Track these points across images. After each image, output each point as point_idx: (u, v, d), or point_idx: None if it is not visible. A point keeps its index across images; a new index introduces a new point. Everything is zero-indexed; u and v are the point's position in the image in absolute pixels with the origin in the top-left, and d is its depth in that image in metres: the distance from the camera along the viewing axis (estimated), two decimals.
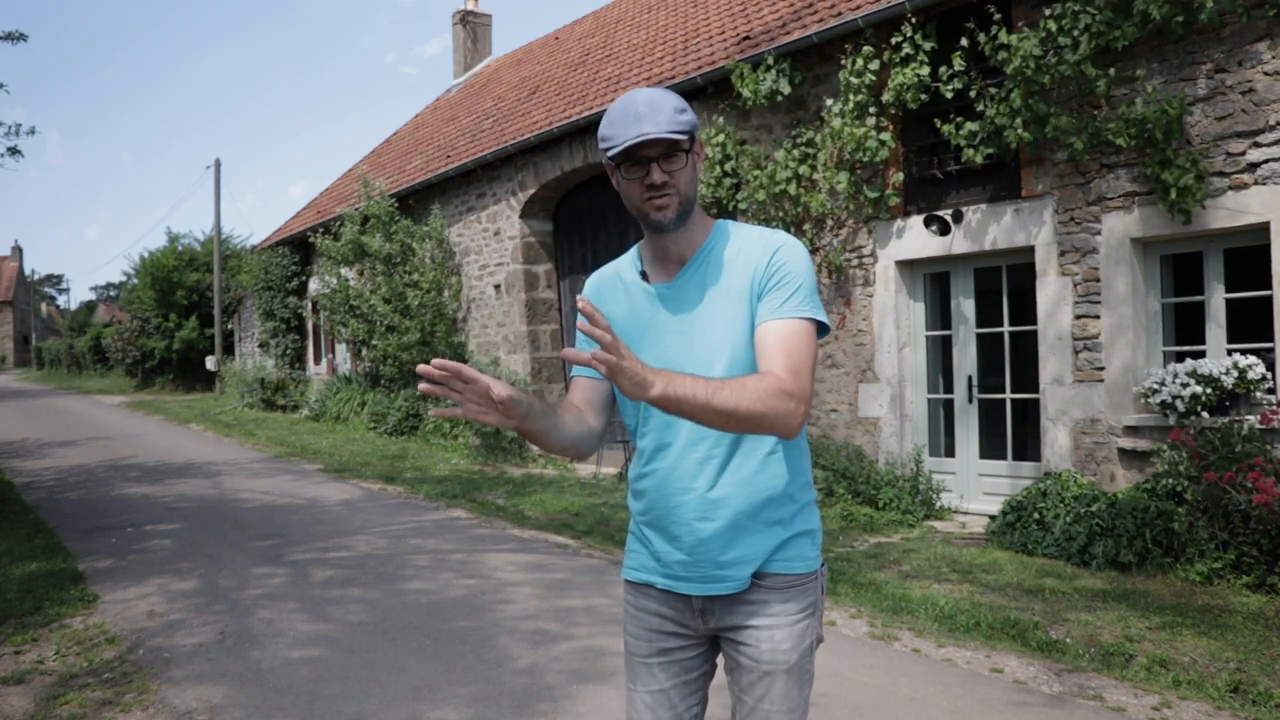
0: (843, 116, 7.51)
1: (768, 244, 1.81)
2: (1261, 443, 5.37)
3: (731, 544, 1.78)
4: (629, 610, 1.94)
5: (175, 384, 29.31)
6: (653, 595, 1.88)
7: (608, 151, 1.74)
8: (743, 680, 1.83)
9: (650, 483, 1.84)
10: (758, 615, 1.80)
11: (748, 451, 1.79)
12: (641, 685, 1.90)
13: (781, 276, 1.76)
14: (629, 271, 1.91)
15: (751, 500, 1.78)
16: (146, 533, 7.46)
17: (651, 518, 1.85)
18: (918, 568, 5.77)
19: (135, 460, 12.15)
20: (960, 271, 7.46)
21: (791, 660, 1.80)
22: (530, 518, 7.80)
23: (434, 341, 13.21)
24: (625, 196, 1.81)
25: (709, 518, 1.78)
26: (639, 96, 1.74)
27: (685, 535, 1.80)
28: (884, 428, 7.76)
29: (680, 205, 1.77)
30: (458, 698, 3.88)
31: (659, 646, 1.88)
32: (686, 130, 1.74)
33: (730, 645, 1.85)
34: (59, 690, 4.05)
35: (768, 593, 1.80)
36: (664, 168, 1.74)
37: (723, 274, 1.81)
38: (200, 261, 29.52)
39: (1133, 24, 5.93)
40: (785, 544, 1.81)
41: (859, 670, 4.11)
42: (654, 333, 1.83)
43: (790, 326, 1.73)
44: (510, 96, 15.46)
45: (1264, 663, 4.03)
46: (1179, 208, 5.85)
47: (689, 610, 1.85)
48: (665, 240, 1.83)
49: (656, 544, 1.85)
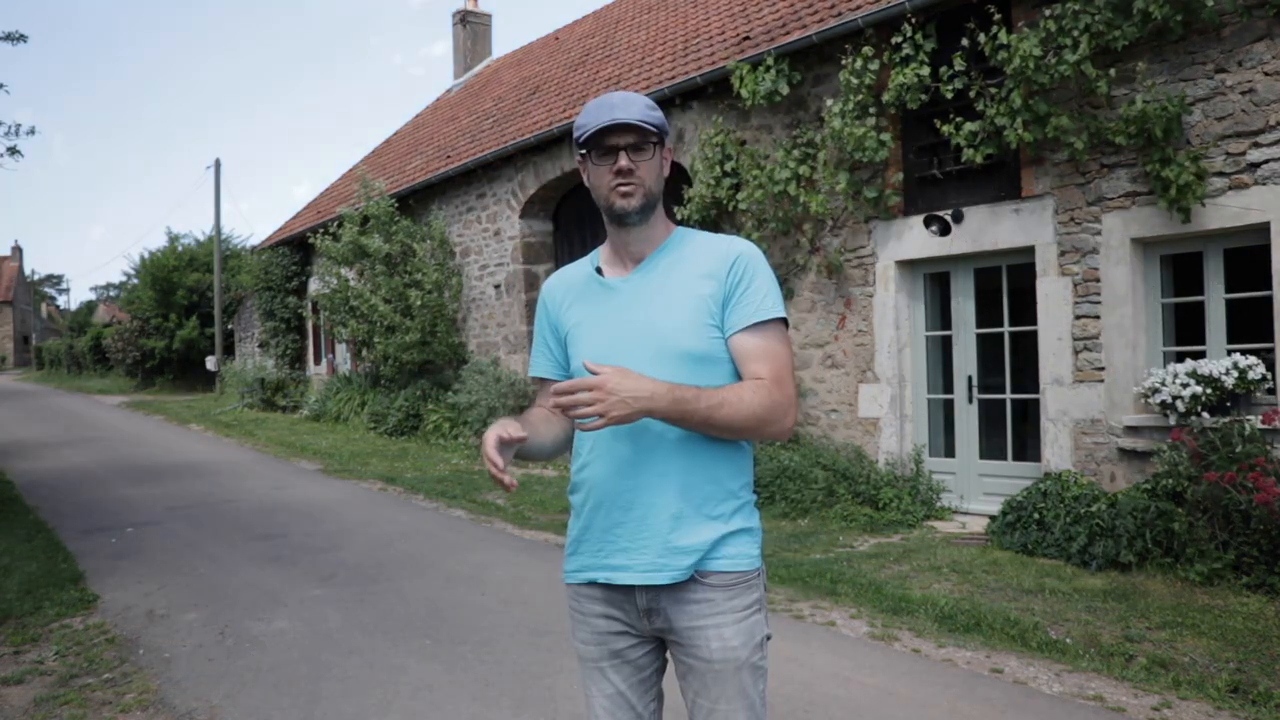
0: (843, 116, 7.51)
1: (727, 251, 1.87)
2: (1263, 443, 5.37)
3: (675, 530, 1.79)
4: (574, 616, 1.93)
5: (175, 384, 29.29)
6: (597, 597, 1.88)
7: (580, 138, 1.82)
8: (696, 684, 1.83)
9: (595, 471, 1.84)
10: (705, 615, 1.80)
11: (694, 444, 1.80)
12: (597, 690, 1.90)
13: (748, 284, 1.83)
14: (586, 269, 1.98)
15: (695, 490, 1.80)
16: (146, 533, 7.46)
17: (595, 503, 1.84)
18: (918, 568, 5.77)
19: (135, 460, 12.15)
20: (960, 271, 7.46)
21: (743, 656, 1.80)
22: (530, 518, 7.80)
23: (434, 342, 13.21)
24: (594, 189, 1.87)
25: (656, 501, 1.79)
26: (615, 93, 1.86)
27: (631, 518, 1.80)
28: (884, 428, 7.76)
29: (645, 197, 1.84)
30: (458, 698, 3.88)
31: (609, 649, 1.88)
32: (656, 125, 1.83)
33: (679, 649, 1.84)
34: (59, 690, 4.06)
35: (712, 590, 1.81)
36: (631, 157, 1.81)
37: (681, 271, 1.86)
38: (200, 261, 29.52)
39: (1133, 24, 5.93)
40: (725, 540, 1.82)
41: (859, 670, 4.11)
42: (608, 323, 1.87)
43: (766, 334, 1.82)
44: (510, 97, 15.47)
45: (1264, 663, 4.03)
46: (1179, 205, 5.85)
47: (634, 609, 1.84)
48: (627, 236, 1.89)
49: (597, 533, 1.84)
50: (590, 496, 1.85)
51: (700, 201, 8.77)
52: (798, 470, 7.63)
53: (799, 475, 7.59)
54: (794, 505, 7.45)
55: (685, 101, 9.47)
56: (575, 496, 1.91)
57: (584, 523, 1.88)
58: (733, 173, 8.66)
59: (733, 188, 8.69)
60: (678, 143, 9.61)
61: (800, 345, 8.39)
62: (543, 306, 2.03)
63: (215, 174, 27.08)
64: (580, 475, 1.89)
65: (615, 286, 1.89)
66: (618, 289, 1.89)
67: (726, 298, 1.83)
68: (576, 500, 1.91)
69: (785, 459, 7.78)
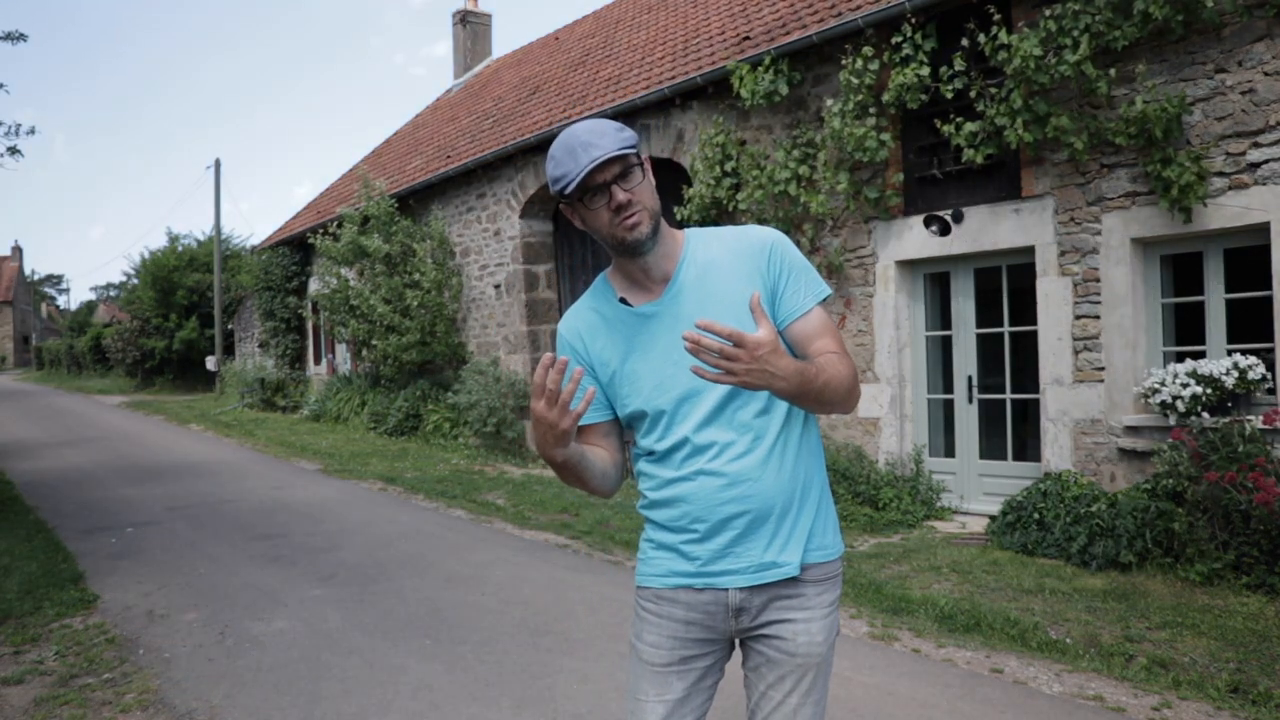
0: (843, 117, 7.51)
1: (759, 245, 1.84)
2: (1263, 443, 5.37)
3: (781, 528, 1.79)
4: (648, 619, 1.87)
5: (175, 384, 29.29)
6: (680, 601, 1.83)
7: (565, 190, 1.72)
8: (771, 676, 1.82)
9: (690, 487, 1.78)
10: (795, 608, 1.81)
11: (785, 441, 1.80)
12: (655, 695, 1.84)
13: (789, 271, 1.82)
14: (607, 305, 1.88)
15: (794, 486, 1.80)
16: (146, 533, 7.46)
17: (693, 519, 1.79)
18: (918, 568, 5.77)
19: (135, 460, 12.15)
20: (960, 271, 7.46)
21: (823, 653, 1.82)
22: (530, 518, 7.80)
23: (434, 342, 13.21)
24: (594, 230, 1.78)
25: (763, 506, 1.77)
26: (577, 130, 1.74)
27: (739, 529, 1.77)
28: (884, 428, 7.76)
29: (651, 219, 1.77)
30: (458, 698, 3.88)
31: (680, 655, 1.84)
32: (632, 146, 1.74)
33: (761, 642, 1.83)
34: (59, 690, 4.06)
35: (804, 585, 1.82)
36: (624, 187, 1.73)
37: (717, 277, 1.82)
38: (200, 261, 29.51)
39: (1133, 24, 5.93)
40: (818, 529, 1.83)
41: (859, 670, 4.11)
42: (660, 350, 1.80)
43: (822, 315, 1.83)
44: (510, 97, 15.47)
45: (1264, 663, 4.03)
46: (1180, 205, 5.85)
47: (722, 611, 1.82)
48: (645, 262, 1.81)
49: (693, 547, 1.80)
50: (691, 509, 1.79)
51: (700, 201, 8.77)
52: None
53: None
54: None
55: (685, 101, 9.47)
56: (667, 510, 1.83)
57: (682, 535, 1.81)
58: (733, 173, 8.66)
59: (733, 188, 8.68)
60: (678, 143, 9.61)
61: None
62: (569, 352, 1.89)
63: (215, 174, 27.08)
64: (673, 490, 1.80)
65: (652, 313, 1.82)
66: (655, 314, 1.81)
67: (774, 290, 1.81)
68: (668, 514, 1.83)
69: None
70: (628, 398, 1.85)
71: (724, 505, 1.77)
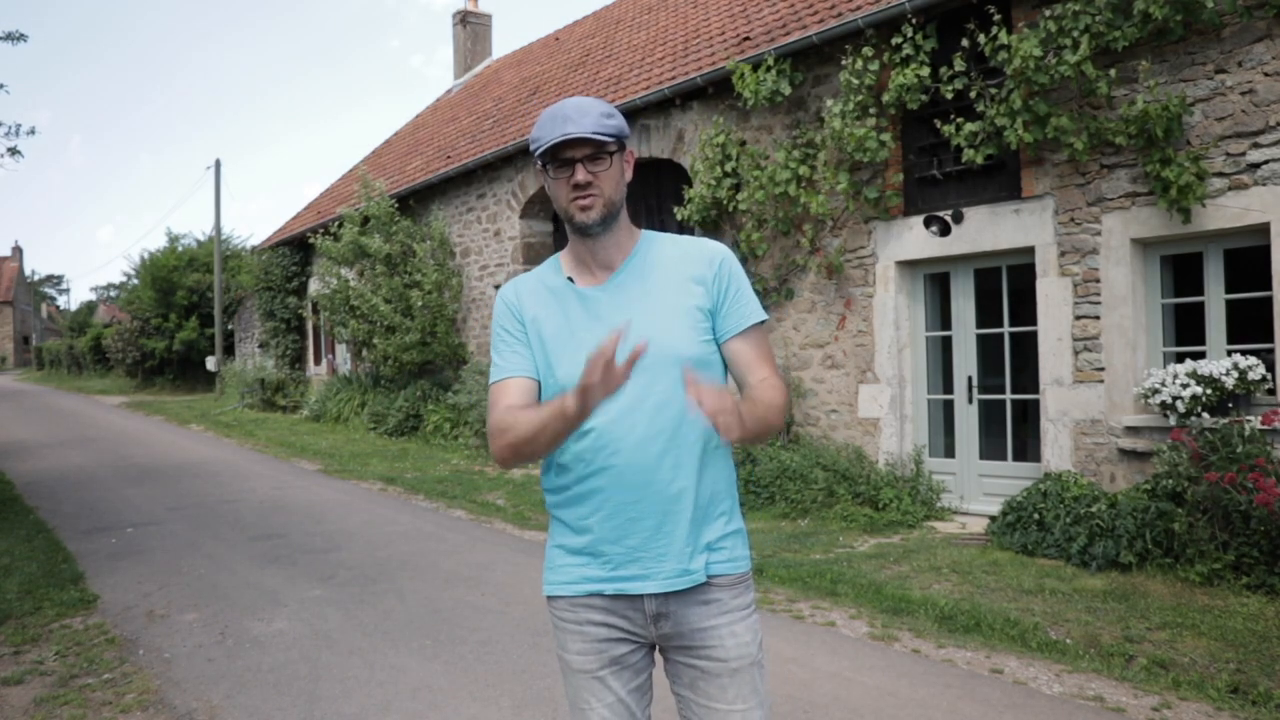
0: (843, 117, 7.51)
1: (709, 254, 1.88)
2: (1263, 443, 5.37)
3: (691, 536, 1.79)
4: (567, 628, 1.85)
5: (175, 384, 29.29)
6: (596, 606, 1.82)
7: (536, 151, 1.80)
8: (709, 688, 1.80)
9: (605, 481, 1.78)
10: (715, 614, 1.80)
11: (696, 447, 1.80)
12: (597, 700, 1.83)
13: (736, 288, 1.87)
14: (553, 277, 1.91)
15: (704, 495, 1.81)
16: (146, 533, 7.46)
17: (607, 513, 1.79)
18: (918, 568, 5.77)
19: (135, 461, 12.15)
20: (960, 272, 7.46)
21: (754, 653, 1.82)
22: (530, 518, 7.80)
23: (434, 342, 13.21)
24: (554, 199, 1.85)
25: (673, 510, 1.77)
26: (569, 102, 1.80)
27: (649, 531, 1.77)
28: (884, 428, 7.76)
29: (605, 207, 1.81)
30: (458, 698, 3.88)
31: (610, 656, 1.83)
32: (612, 134, 1.78)
33: (687, 654, 1.82)
34: (59, 690, 4.06)
35: (719, 590, 1.82)
36: (589, 168, 1.78)
37: (661, 277, 1.85)
38: (200, 262, 29.52)
39: (1133, 24, 5.93)
40: (726, 541, 1.84)
41: (859, 671, 4.11)
42: (592, 334, 1.79)
43: (758, 335, 1.87)
44: (510, 97, 15.48)
45: (1264, 663, 4.03)
46: (1180, 205, 5.85)
47: (640, 616, 1.81)
48: (593, 245, 1.85)
49: (609, 548, 1.79)
50: (601, 507, 1.79)
51: (700, 202, 8.77)
52: (798, 471, 7.63)
53: (799, 476, 7.60)
54: (794, 506, 7.45)
55: (685, 102, 9.48)
56: (576, 509, 1.83)
57: (593, 535, 1.81)
58: (733, 173, 8.66)
59: (733, 188, 8.69)
60: (678, 143, 9.61)
61: (800, 345, 8.40)
62: (507, 313, 1.91)
63: (215, 174, 27.09)
64: (584, 486, 1.81)
65: (592, 296, 1.85)
66: (595, 298, 1.84)
67: (717, 303, 1.85)
68: (577, 512, 1.83)
69: (785, 459, 7.79)
70: (552, 367, 1.84)
71: (639, 502, 1.77)
